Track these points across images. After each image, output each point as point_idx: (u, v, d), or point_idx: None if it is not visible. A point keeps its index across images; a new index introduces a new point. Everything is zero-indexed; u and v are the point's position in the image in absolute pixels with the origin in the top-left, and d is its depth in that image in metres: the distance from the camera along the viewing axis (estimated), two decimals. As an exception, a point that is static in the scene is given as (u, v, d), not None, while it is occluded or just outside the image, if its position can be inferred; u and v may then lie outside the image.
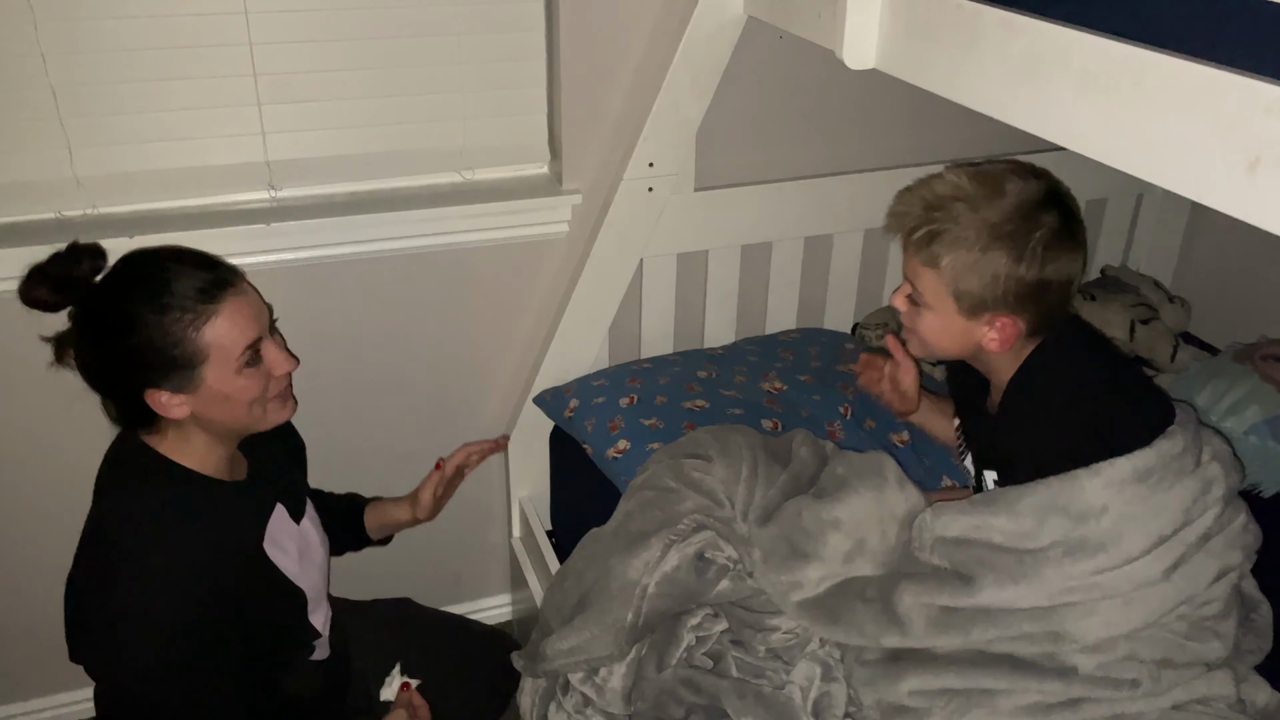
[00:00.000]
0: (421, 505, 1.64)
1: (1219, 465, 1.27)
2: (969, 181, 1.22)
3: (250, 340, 1.25)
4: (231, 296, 1.24)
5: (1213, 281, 2.36)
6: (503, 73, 1.78)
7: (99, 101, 1.59)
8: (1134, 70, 0.85)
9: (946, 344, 1.30)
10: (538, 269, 1.92)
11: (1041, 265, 1.20)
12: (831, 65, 1.25)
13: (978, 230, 1.19)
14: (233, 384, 1.25)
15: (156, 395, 1.23)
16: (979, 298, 1.22)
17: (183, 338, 1.20)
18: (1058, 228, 1.20)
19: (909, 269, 1.28)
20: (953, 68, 1.07)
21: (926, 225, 1.22)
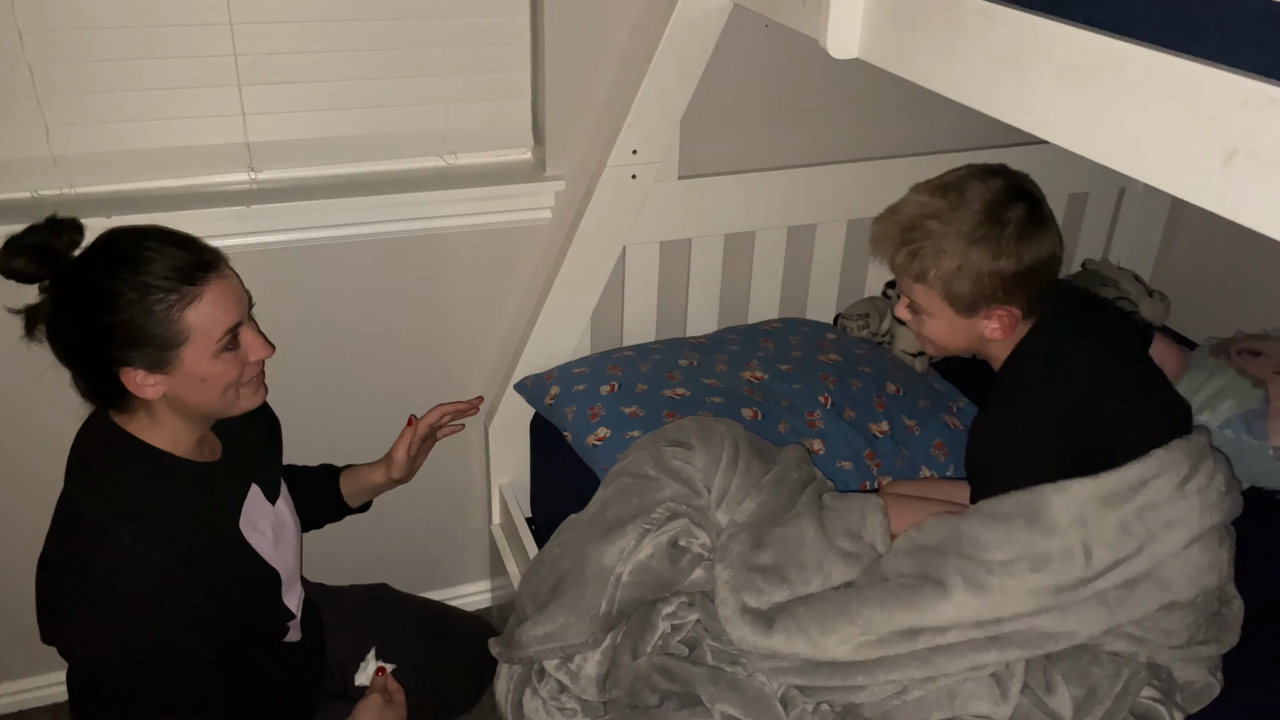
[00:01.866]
0: (396, 463, 1.63)
1: (1215, 494, 1.32)
2: (933, 197, 1.32)
3: (231, 324, 1.24)
4: (215, 279, 1.23)
5: (1191, 276, 2.38)
6: (487, 56, 1.77)
7: (77, 80, 1.58)
8: (1114, 62, 0.85)
9: (956, 342, 1.39)
10: (520, 255, 1.92)
11: (1019, 255, 1.29)
12: (815, 54, 1.25)
13: (953, 240, 1.29)
14: (209, 367, 1.24)
15: (132, 374, 1.22)
16: (971, 298, 1.31)
17: (165, 318, 1.19)
18: (1024, 218, 1.29)
19: (902, 286, 1.38)
20: (935, 58, 1.07)
21: (906, 247, 1.32)
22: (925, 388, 1.89)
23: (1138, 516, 1.27)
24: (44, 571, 1.26)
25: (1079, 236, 2.37)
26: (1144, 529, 1.27)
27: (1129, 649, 1.31)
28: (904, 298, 1.40)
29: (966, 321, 1.34)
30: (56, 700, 2.00)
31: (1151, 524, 1.28)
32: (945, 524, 1.33)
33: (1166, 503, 1.28)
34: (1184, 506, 1.29)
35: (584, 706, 1.40)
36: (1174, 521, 1.29)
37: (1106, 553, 1.26)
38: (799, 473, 1.51)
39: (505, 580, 2.01)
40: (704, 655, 1.37)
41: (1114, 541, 1.27)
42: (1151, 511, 1.28)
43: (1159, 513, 1.28)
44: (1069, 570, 1.26)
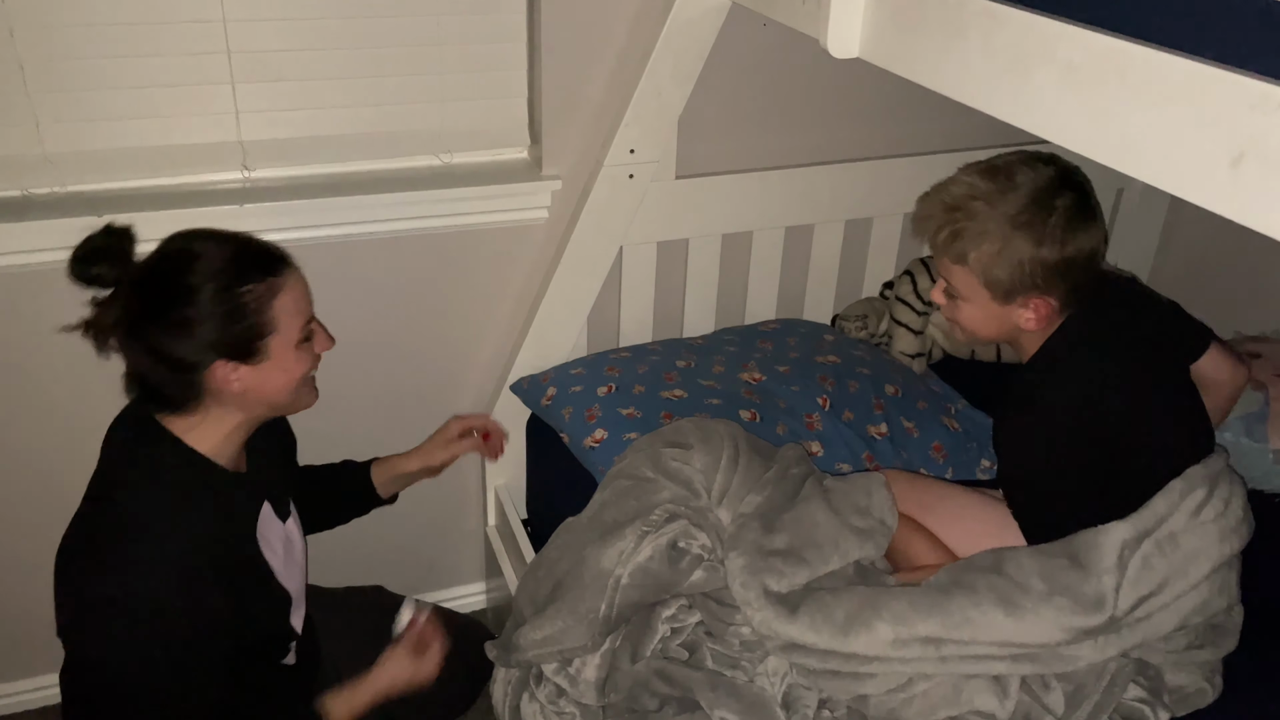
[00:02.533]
0: (433, 455, 1.65)
1: (1233, 519, 1.31)
2: (982, 179, 1.29)
3: (309, 314, 1.30)
4: (292, 270, 1.27)
5: (1189, 277, 2.37)
6: (483, 55, 1.76)
7: (69, 77, 1.56)
8: (1119, 63, 0.84)
9: (988, 330, 1.37)
10: (516, 255, 1.90)
11: (1062, 245, 1.27)
12: (815, 54, 1.24)
13: (997, 223, 1.26)
14: (292, 357, 1.27)
15: (223, 367, 1.21)
16: (1009, 284, 1.29)
17: (256, 307, 1.22)
18: (1071, 207, 1.27)
19: (940, 268, 1.36)
20: (937, 58, 1.06)
21: (949, 226, 1.29)
22: (924, 390, 1.88)
23: (1158, 550, 1.28)
24: (66, 560, 1.24)
25: (1077, 237, 2.36)
26: (1165, 564, 1.27)
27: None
28: (941, 280, 1.38)
29: (1002, 309, 1.32)
30: (48, 703, 1.98)
31: (1172, 557, 1.27)
32: (993, 551, 1.34)
33: (1184, 531, 1.28)
34: (1201, 535, 1.29)
35: (582, 711, 1.39)
36: (1194, 553, 1.28)
37: (1130, 591, 1.26)
38: (799, 468, 1.50)
39: (501, 582, 2.00)
40: (704, 659, 1.36)
41: (1136, 579, 1.26)
42: (1170, 543, 1.28)
43: (1178, 544, 1.28)
44: (1101, 613, 1.25)
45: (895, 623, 1.26)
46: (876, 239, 2.13)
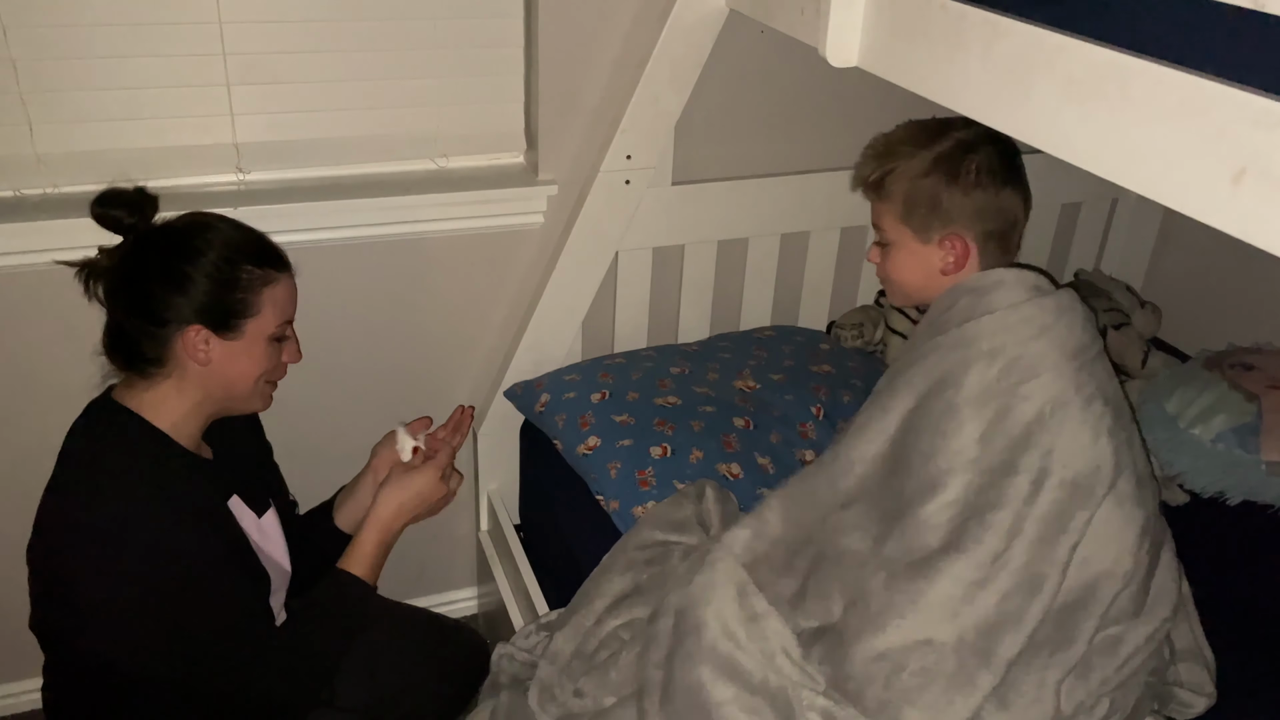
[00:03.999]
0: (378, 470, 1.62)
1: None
2: (916, 128, 1.36)
3: (289, 317, 1.38)
4: (288, 275, 1.37)
5: (1183, 288, 2.37)
6: (479, 59, 1.75)
7: (62, 77, 1.55)
8: (1120, 77, 0.84)
9: (915, 277, 1.37)
10: (511, 260, 1.90)
11: (977, 184, 1.30)
12: (813, 62, 1.24)
13: (920, 161, 1.32)
14: (259, 349, 1.33)
15: (198, 333, 1.27)
16: (926, 217, 1.32)
17: (249, 287, 1.30)
18: (993, 155, 1.31)
19: (874, 215, 1.39)
20: (936, 68, 1.05)
21: (879, 169, 1.35)
22: (918, 398, 1.88)
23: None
24: (41, 543, 1.27)
25: (1071, 247, 2.37)
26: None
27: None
28: (875, 235, 1.41)
29: (922, 250, 1.33)
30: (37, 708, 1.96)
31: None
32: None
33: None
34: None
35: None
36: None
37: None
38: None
39: (493, 587, 1.99)
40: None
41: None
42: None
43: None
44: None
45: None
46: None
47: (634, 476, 1.63)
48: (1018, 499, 1.18)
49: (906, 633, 1.18)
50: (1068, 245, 2.36)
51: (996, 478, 1.19)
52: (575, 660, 1.37)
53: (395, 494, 1.46)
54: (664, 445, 1.66)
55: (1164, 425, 1.84)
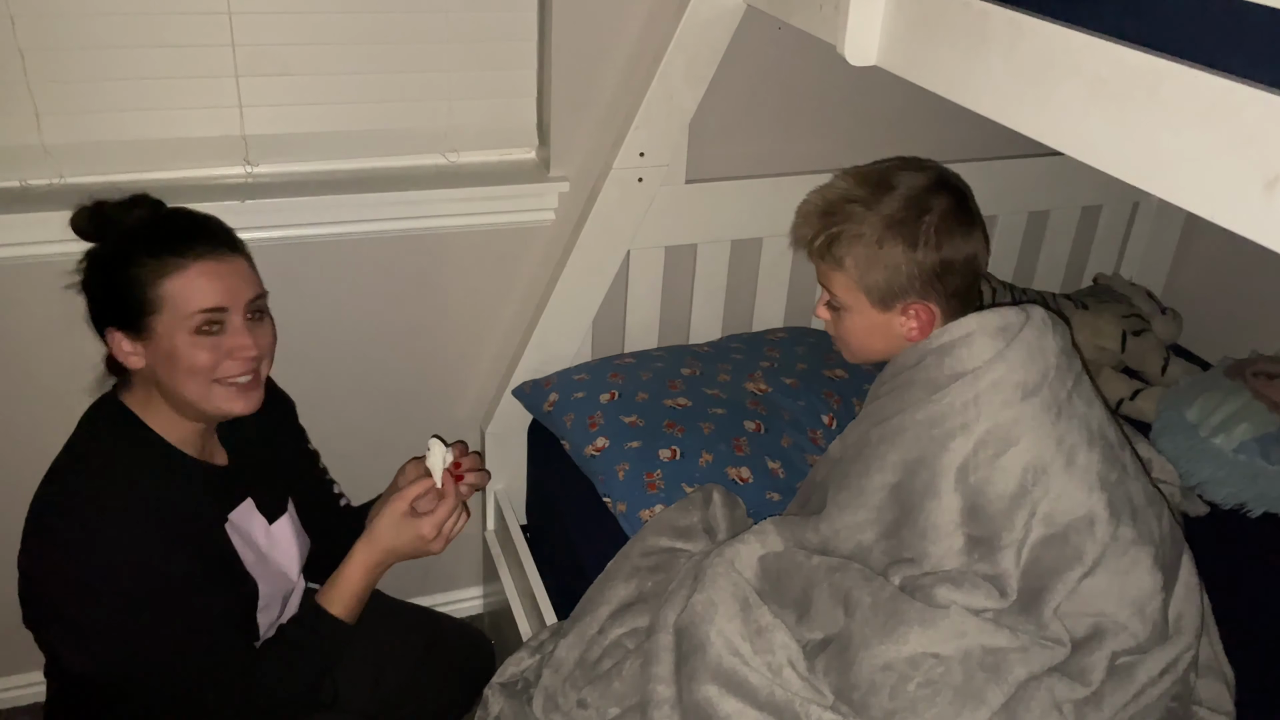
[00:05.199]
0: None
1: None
2: (856, 183, 1.27)
3: (208, 304, 1.23)
4: (207, 258, 1.23)
5: (1205, 294, 2.33)
6: (492, 53, 1.73)
7: (70, 67, 1.53)
8: (1148, 79, 0.80)
9: (872, 342, 1.31)
10: (521, 257, 1.87)
11: (938, 247, 1.23)
12: (830, 60, 1.21)
13: (871, 225, 1.23)
14: (179, 345, 1.22)
15: (116, 337, 1.24)
16: (886, 288, 1.25)
17: (142, 281, 1.21)
18: (948, 210, 1.24)
19: (821, 277, 1.31)
20: (957, 68, 1.02)
21: (825, 231, 1.26)
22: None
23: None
24: (30, 545, 1.24)
25: (1091, 250, 2.33)
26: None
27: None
28: (823, 294, 1.32)
29: (882, 318, 1.27)
30: (39, 700, 1.96)
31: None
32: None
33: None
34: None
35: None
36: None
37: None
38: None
39: (498, 587, 1.97)
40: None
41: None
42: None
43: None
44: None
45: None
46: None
47: (642, 479, 1.61)
48: (1008, 561, 1.18)
49: (914, 644, 1.16)
50: (1087, 249, 2.32)
51: (986, 551, 1.19)
52: (578, 669, 1.35)
53: (389, 537, 1.36)
54: (673, 448, 1.63)
55: (1184, 434, 1.81)
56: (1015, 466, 1.19)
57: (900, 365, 1.29)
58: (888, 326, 1.28)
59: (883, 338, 1.29)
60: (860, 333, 1.30)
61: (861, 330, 1.30)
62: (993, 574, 1.19)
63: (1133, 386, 2.01)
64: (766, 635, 1.23)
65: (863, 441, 1.30)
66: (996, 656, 1.15)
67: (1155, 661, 1.22)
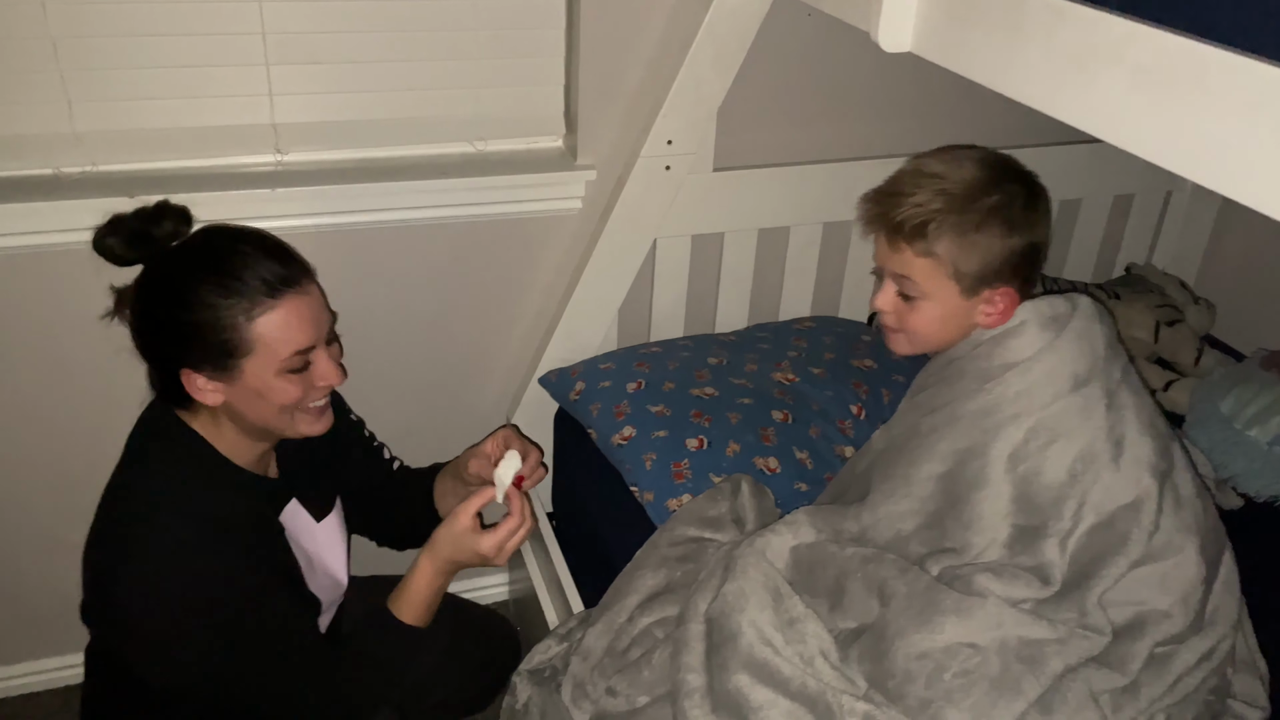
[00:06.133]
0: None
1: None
2: (946, 167, 1.24)
3: (301, 345, 1.21)
4: (293, 296, 1.20)
5: (1238, 283, 2.30)
6: (520, 40, 1.72)
7: (101, 55, 1.54)
8: (1194, 67, 0.79)
9: (945, 331, 1.28)
10: (548, 246, 1.87)
11: (1029, 228, 1.23)
12: (862, 46, 1.20)
13: (970, 210, 1.20)
14: (270, 384, 1.21)
15: (192, 376, 1.20)
16: (979, 274, 1.22)
17: (233, 325, 1.17)
18: (1029, 194, 1.24)
19: (899, 264, 1.25)
20: (995, 55, 1.01)
21: (915, 218, 1.21)
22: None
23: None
24: (88, 546, 1.25)
25: (1124, 239, 2.30)
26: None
27: None
28: (888, 284, 1.27)
29: (965, 305, 1.24)
30: (68, 683, 1.98)
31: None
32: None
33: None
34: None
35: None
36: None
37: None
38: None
39: (523, 574, 1.97)
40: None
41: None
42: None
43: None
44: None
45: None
46: (916, 237, 2.08)
47: (669, 468, 1.61)
48: (1053, 551, 1.18)
49: (950, 634, 1.16)
50: (1119, 238, 2.29)
51: (1030, 540, 1.19)
52: (607, 658, 1.35)
53: (450, 550, 1.34)
54: (700, 437, 1.63)
55: (1218, 426, 1.78)
56: (1065, 456, 1.19)
57: (951, 355, 1.28)
58: (966, 314, 1.25)
59: (957, 326, 1.27)
60: (935, 322, 1.26)
61: (937, 319, 1.26)
62: (1036, 564, 1.19)
63: (1165, 378, 1.98)
64: (798, 626, 1.22)
65: (911, 431, 1.29)
66: (1033, 648, 1.15)
67: (1191, 651, 1.21)
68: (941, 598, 1.18)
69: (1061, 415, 1.20)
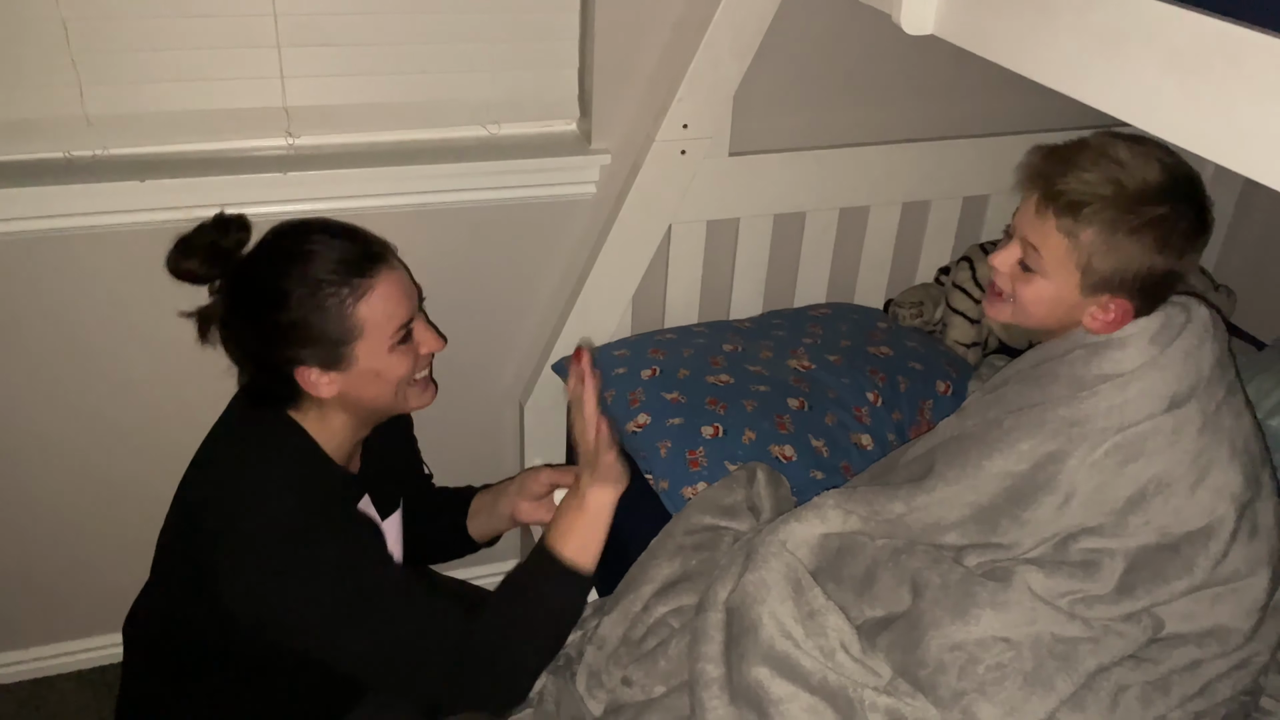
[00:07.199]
0: (519, 508, 1.53)
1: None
2: (1125, 152, 1.14)
3: (403, 319, 1.23)
4: (384, 271, 1.21)
5: (1259, 270, 2.27)
6: (533, 23, 1.70)
7: (112, 37, 1.52)
8: (1229, 50, 0.77)
9: (1050, 317, 1.22)
10: (562, 231, 1.85)
11: (1179, 255, 1.14)
12: (881, 28, 1.17)
13: (1135, 212, 1.12)
14: (384, 362, 1.22)
15: (306, 373, 1.20)
16: (1107, 278, 1.15)
17: (338, 314, 1.18)
18: (1196, 219, 1.15)
19: (1034, 231, 1.17)
20: (1021, 38, 0.99)
21: (1077, 192, 1.13)
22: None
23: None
24: (187, 527, 1.24)
25: (1143, 226, 2.27)
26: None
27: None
28: (1015, 246, 1.20)
29: (1078, 300, 1.17)
30: (80, 667, 1.99)
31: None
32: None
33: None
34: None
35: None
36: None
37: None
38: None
39: (536, 562, 1.97)
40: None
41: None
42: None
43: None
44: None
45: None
46: (934, 223, 2.06)
47: (684, 456, 1.59)
48: (1107, 554, 1.17)
49: (985, 626, 1.15)
50: (1139, 224, 2.26)
51: (1085, 540, 1.18)
52: (623, 647, 1.34)
53: (612, 491, 1.30)
54: (715, 425, 1.62)
55: (1239, 416, 1.76)
56: (1141, 476, 1.16)
57: (1046, 354, 1.23)
58: (1074, 310, 1.19)
59: (1064, 317, 1.21)
60: (1046, 302, 1.20)
61: (1048, 300, 1.19)
62: (1084, 561, 1.17)
63: (1185, 366, 1.96)
64: (819, 618, 1.21)
65: (991, 424, 1.24)
66: (1068, 646, 1.14)
67: (1226, 660, 1.20)
68: (977, 590, 1.16)
69: (1149, 435, 1.15)
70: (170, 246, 1.22)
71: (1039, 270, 1.18)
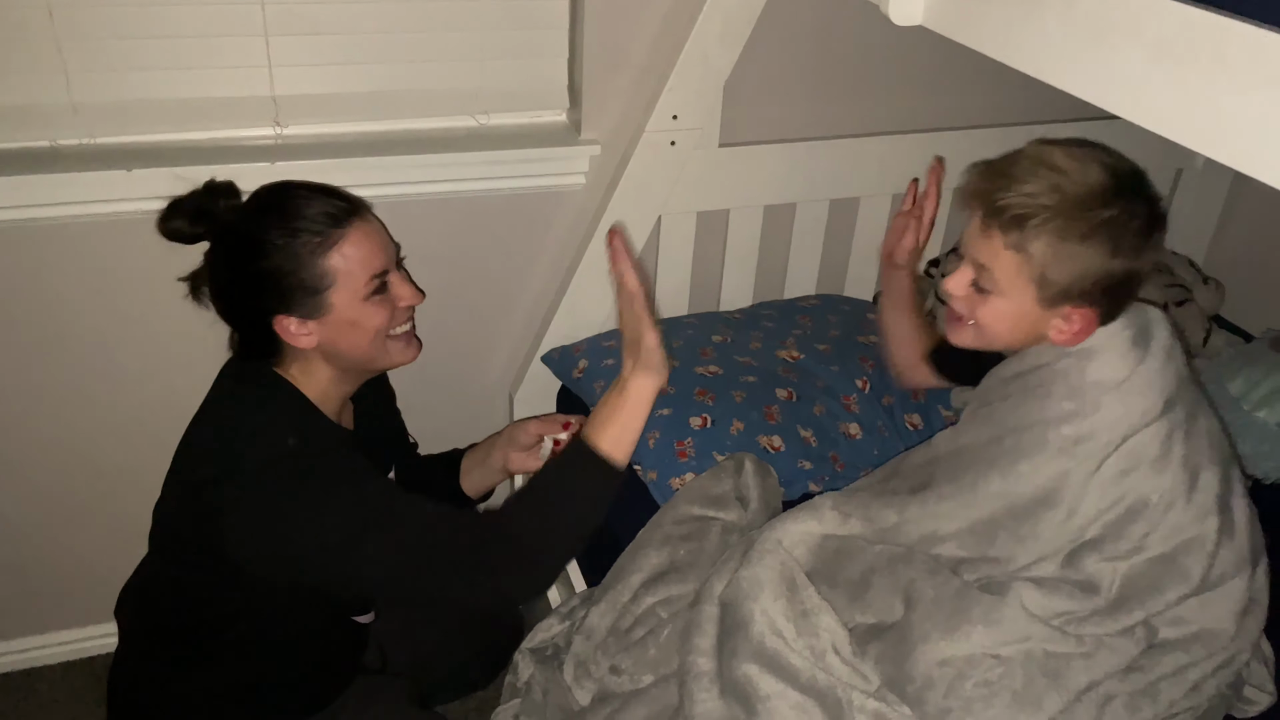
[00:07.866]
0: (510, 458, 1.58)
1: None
2: (1064, 159, 1.11)
3: (376, 269, 1.26)
4: (358, 223, 1.25)
5: (1248, 263, 2.28)
6: (523, 12, 1.69)
7: (99, 25, 1.51)
8: (1216, 41, 0.77)
9: (1011, 334, 1.19)
10: (551, 221, 1.85)
11: (1136, 254, 1.11)
12: (871, 20, 1.17)
13: (1082, 218, 1.08)
14: (359, 311, 1.25)
15: (285, 322, 1.23)
16: (1064, 288, 1.11)
17: (310, 261, 1.21)
18: (1151, 215, 1.12)
19: (983, 251, 1.14)
20: (1008, 29, 0.99)
21: (1019, 205, 1.10)
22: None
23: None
24: (196, 484, 1.25)
25: (1132, 218, 2.28)
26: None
27: None
28: (967, 268, 1.17)
29: (1039, 314, 1.14)
30: (67, 659, 1.99)
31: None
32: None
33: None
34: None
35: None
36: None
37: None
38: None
39: (526, 553, 1.97)
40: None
41: None
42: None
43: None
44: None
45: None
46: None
47: (672, 447, 1.60)
48: (1106, 568, 1.16)
49: (976, 643, 1.14)
50: (1128, 216, 2.27)
51: (1085, 554, 1.17)
52: (611, 636, 1.34)
53: (654, 380, 1.26)
54: (704, 416, 1.62)
55: (1227, 407, 1.76)
56: (1143, 487, 1.15)
57: (1035, 361, 1.19)
58: (1036, 324, 1.16)
59: (1026, 332, 1.18)
60: (1006, 320, 1.16)
61: (1008, 318, 1.16)
62: (1084, 578, 1.17)
63: (1173, 358, 1.96)
64: (811, 618, 1.21)
65: (990, 440, 1.21)
66: (1058, 662, 1.13)
67: (1210, 661, 1.20)
68: (970, 605, 1.16)
69: (1149, 442, 1.14)
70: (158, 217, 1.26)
71: (994, 289, 1.15)
